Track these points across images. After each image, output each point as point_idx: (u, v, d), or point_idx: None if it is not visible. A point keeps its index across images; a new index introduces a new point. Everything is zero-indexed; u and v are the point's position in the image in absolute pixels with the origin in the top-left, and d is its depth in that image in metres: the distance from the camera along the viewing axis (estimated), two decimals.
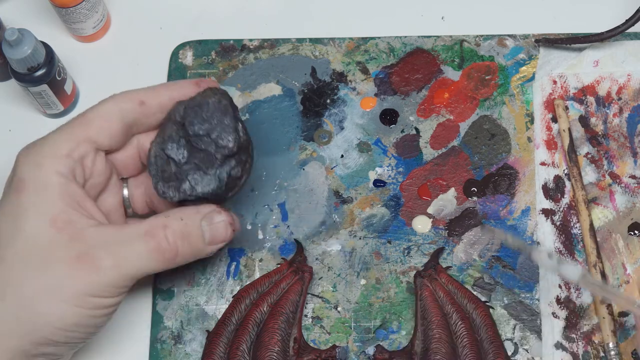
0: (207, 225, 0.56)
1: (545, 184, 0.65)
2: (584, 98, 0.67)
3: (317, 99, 0.68)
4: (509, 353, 0.60)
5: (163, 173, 0.56)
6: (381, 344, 0.61)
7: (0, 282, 0.51)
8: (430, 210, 0.64)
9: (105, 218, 0.55)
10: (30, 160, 0.53)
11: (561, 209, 0.64)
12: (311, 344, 0.61)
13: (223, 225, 0.57)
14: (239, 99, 0.68)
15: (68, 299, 0.51)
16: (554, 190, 0.65)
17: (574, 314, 0.61)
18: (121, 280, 0.53)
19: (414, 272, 0.62)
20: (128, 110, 0.56)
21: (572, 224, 0.63)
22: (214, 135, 0.55)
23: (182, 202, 0.57)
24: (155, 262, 0.54)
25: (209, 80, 0.58)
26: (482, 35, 0.69)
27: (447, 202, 0.65)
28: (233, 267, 0.63)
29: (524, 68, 0.68)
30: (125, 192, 0.59)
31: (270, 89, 0.68)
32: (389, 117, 0.67)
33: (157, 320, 0.62)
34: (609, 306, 0.60)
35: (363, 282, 0.63)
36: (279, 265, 0.63)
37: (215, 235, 0.56)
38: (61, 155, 0.53)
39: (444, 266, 0.62)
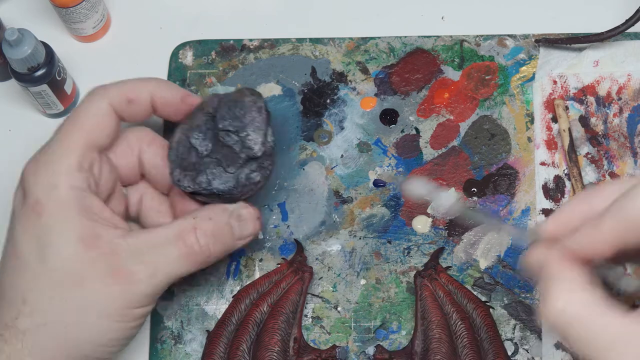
0: (236, 222, 0.56)
1: (545, 184, 0.65)
2: (584, 98, 0.67)
3: (317, 99, 0.68)
4: (509, 353, 0.60)
5: (182, 161, 0.56)
6: (381, 344, 0.61)
7: (40, 306, 0.51)
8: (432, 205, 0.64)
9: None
10: (43, 180, 0.52)
11: None
12: (311, 344, 0.61)
13: (251, 220, 0.57)
14: None
15: (109, 315, 0.51)
16: (554, 190, 0.65)
17: None
18: (156, 288, 0.53)
19: (414, 272, 0.62)
20: (117, 106, 0.55)
21: None
22: (243, 134, 0.55)
23: (193, 194, 0.56)
24: (188, 265, 0.54)
25: (196, 96, 0.58)
26: (482, 35, 0.69)
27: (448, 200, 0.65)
28: (233, 267, 0.63)
29: (524, 68, 0.68)
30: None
31: (270, 89, 0.68)
32: (389, 117, 0.67)
33: (157, 320, 0.62)
34: None
35: (363, 282, 0.63)
36: (279, 265, 0.63)
37: (244, 231, 0.57)
38: (73, 169, 0.52)
39: (444, 266, 0.62)
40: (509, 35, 0.69)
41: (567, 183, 0.65)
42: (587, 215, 0.42)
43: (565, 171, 0.65)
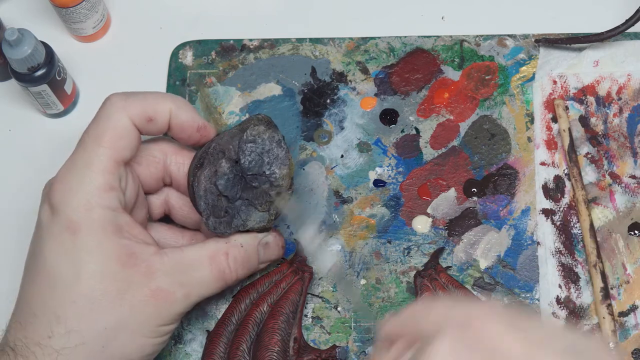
0: (262, 249, 0.58)
1: (545, 184, 0.65)
2: (584, 98, 0.67)
3: (317, 99, 0.68)
4: None
5: (214, 208, 0.56)
6: None
7: (77, 325, 0.51)
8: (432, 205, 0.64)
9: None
10: (75, 201, 0.52)
11: (561, 209, 0.64)
12: (311, 344, 0.61)
13: (276, 247, 0.60)
14: (239, 99, 0.68)
15: (145, 332, 0.53)
16: (554, 190, 0.65)
17: (574, 314, 0.61)
18: (188, 307, 0.55)
19: (414, 272, 0.62)
20: (138, 122, 0.55)
21: (572, 224, 0.63)
22: (269, 173, 0.56)
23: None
24: (217, 287, 0.56)
25: (211, 129, 0.58)
26: (482, 35, 0.69)
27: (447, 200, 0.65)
28: None
29: (524, 68, 0.68)
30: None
31: (270, 89, 0.68)
32: (389, 117, 0.67)
33: None
34: (609, 306, 0.60)
35: (363, 282, 0.63)
36: (279, 265, 0.63)
37: (269, 256, 0.59)
38: (104, 189, 0.53)
39: (444, 266, 0.62)
40: (509, 35, 0.69)
41: (567, 183, 0.65)
42: (415, 332, 0.45)
43: (565, 171, 0.65)
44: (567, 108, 0.67)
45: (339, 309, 0.62)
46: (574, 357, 0.41)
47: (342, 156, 0.66)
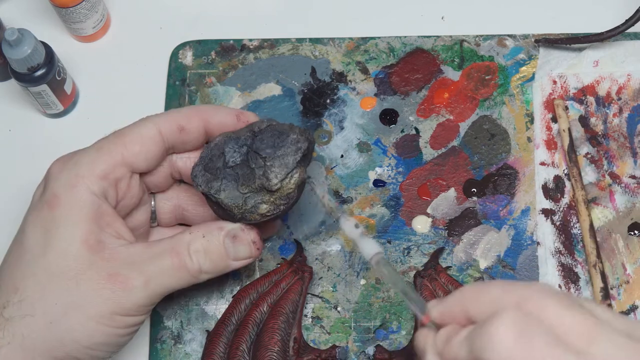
0: (230, 243, 0.56)
1: (545, 184, 0.65)
2: (583, 98, 0.67)
3: (317, 99, 0.68)
4: None
5: (209, 162, 0.56)
6: (381, 344, 0.61)
7: (30, 296, 0.51)
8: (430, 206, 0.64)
9: (132, 234, 0.55)
10: (64, 177, 0.53)
11: (561, 209, 0.64)
12: (311, 344, 0.61)
13: (246, 243, 0.57)
14: (239, 99, 0.68)
15: (98, 317, 0.52)
16: (553, 190, 0.65)
17: None
18: (149, 298, 0.54)
19: (414, 272, 0.62)
20: (167, 134, 0.56)
21: (572, 224, 0.63)
22: (269, 163, 0.55)
23: (204, 197, 0.57)
24: (180, 279, 0.55)
25: (250, 113, 0.58)
26: (482, 35, 0.69)
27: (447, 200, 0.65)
28: None
29: (523, 68, 0.68)
30: (152, 204, 0.60)
31: (270, 89, 0.68)
32: (388, 117, 0.67)
33: (157, 320, 0.62)
34: (609, 306, 0.60)
35: (363, 282, 0.63)
36: (279, 265, 0.63)
37: (239, 252, 0.57)
38: (97, 176, 0.53)
39: (444, 266, 0.62)
40: (508, 35, 0.69)
41: (567, 183, 0.65)
42: (463, 316, 0.45)
43: (565, 171, 0.65)
44: (567, 108, 0.67)
45: (338, 309, 0.62)
46: (634, 341, 0.41)
47: (342, 156, 0.66)
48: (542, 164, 0.65)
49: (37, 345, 0.51)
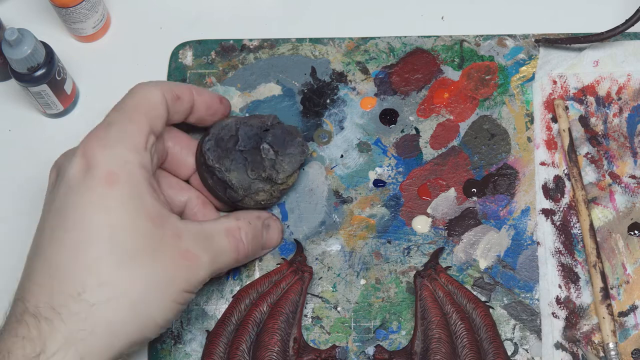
0: (266, 231, 0.60)
1: (545, 184, 0.65)
2: (584, 98, 0.67)
3: (317, 99, 0.68)
4: (509, 353, 0.60)
5: (220, 140, 0.59)
6: (381, 344, 0.61)
7: (107, 279, 0.49)
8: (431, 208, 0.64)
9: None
10: (116, 154, 0.51)
11: (561, 209, 0.64)
12: (311, 344, 0.61)
13: (277, 232, 0.62)
14: (239, 99, 0.68)
15: (175, 294, 0.52)
16: (554, 190, 0.65)
17: (573, 314, 0.61)
18: (210, 275, 0.55)
19: (414, 272, 0.62)
20: (169, 100, 0.57)
21: (572, 224, 0.63)
22: (281, 158, 0.60)
23: (208, 170, 0.59)
24: (233, 260, 0.57)
25: (227, 100, 0.63)
26: (482, 35, 0.69)
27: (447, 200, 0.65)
28: None
29: (523, 68, 0.68)
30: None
31: (270, 89, 0.68)
32: (388, 117, 0.67)
33: None
34: (609, 306, 0.60)
35: (363, 282, 0.63)
36: (279, 265, 0.63)
37: (270, 240, 0.61)
38: (142, 148, 0.53)
39: (443, 266, 0.62)
40: (508, 35, 0.69)
41: (567, 183, 0.65)
42: None
43: (565, 171, 0.65)
44: (567, 108, 0.67)
45: (338, 309, 0.62)
46: None
47: (342, 156, 0.66)
48: (542, 164, 0.65)
49: (120, 329, 0.49)
